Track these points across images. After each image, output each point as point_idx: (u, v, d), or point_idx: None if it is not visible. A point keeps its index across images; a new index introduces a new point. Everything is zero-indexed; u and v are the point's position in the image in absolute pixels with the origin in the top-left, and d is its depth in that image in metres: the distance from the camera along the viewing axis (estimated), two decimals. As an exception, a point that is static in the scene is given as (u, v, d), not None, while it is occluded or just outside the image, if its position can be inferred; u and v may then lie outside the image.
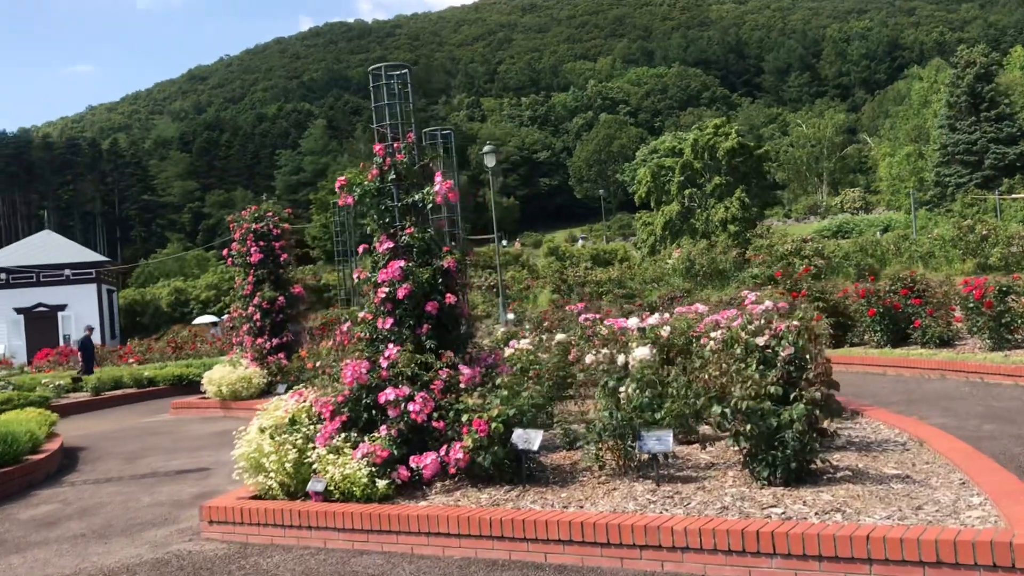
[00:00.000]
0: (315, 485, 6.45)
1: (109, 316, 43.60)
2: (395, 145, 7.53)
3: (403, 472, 6.39)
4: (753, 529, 4.71)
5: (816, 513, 5.06)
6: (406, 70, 7.65)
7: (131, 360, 27.11)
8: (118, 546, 6.62)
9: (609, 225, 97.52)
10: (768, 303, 7.17)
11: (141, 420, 16.41)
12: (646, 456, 6.06)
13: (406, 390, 6.60)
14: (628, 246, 55.61)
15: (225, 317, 23.82)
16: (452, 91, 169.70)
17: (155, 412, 17.64)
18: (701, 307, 10.48)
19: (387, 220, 7.40)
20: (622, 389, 6.45)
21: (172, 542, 6.61)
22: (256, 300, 16.67)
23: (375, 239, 7.43)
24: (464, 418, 6.34)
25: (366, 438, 6.61)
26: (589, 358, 7.53)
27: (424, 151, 7.64)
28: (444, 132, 10.28)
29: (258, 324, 16.63)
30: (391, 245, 7.28)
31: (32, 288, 41.07)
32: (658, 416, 6.58)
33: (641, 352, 6.28)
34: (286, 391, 16.01)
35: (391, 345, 6.98)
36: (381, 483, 6.28)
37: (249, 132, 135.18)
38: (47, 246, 44.11)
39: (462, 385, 6.87)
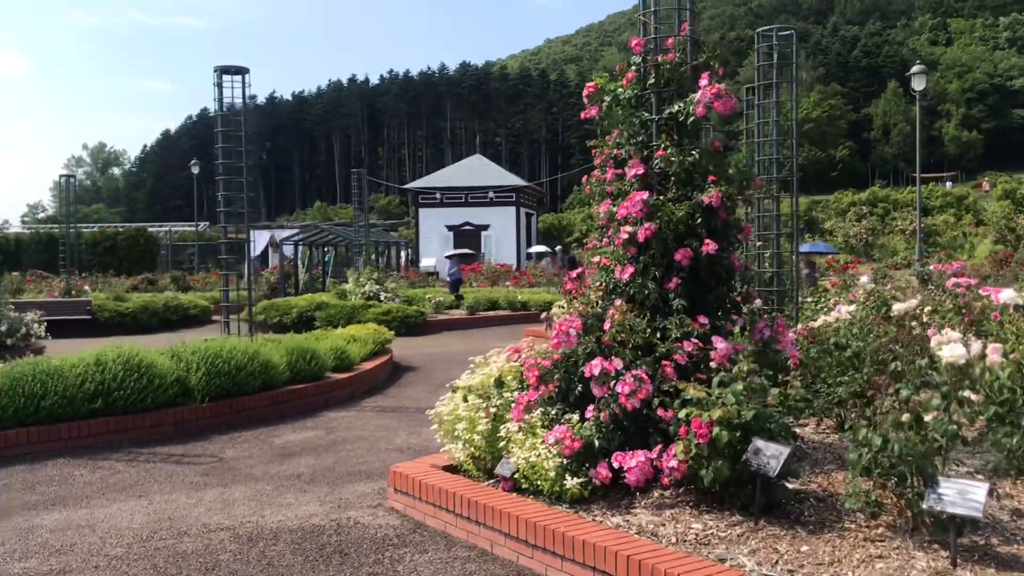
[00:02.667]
0: (503, 467, 5.16)
1: (526, 238, 45.77)
2: (668, 42, 5.79)
3: (602, 471, 4.83)
4: None
5: None
6: (684, -59, 5.79)
7: (511, 283, 27.73)
8: (307, 499, 5.93)
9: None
10: None
11: (493, 344, 16.29)
12: (945, 514, 3.85)
13: (618, 364, 4.98)
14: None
15: (558, 249, 23.21)
16: (914, 12, 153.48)
17: (512, 337, 17.50)
18: None
19: (641, 139, 5.71)
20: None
21: (357, 505, 5.75)
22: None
23: (627, 163, 5.79)
24: (683, 414, 4.58)
25: (572, 418, 5.14)
26: (935, 341, 5.32)
27: (701, 47, 5.76)
28: (783, 32, 8.16)
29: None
30: (641, 171, 5.59)
31: (460, 208, 44.34)
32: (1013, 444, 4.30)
33: (952, 351, 4.01)
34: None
35: (618, 301, 5.37)
36: (572, 482, 4.80)
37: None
38: (475, 169, 47.28)
39: (713, 364, 5.08)
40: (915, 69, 23.41)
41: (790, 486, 4.84)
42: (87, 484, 6.38)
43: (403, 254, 35.39)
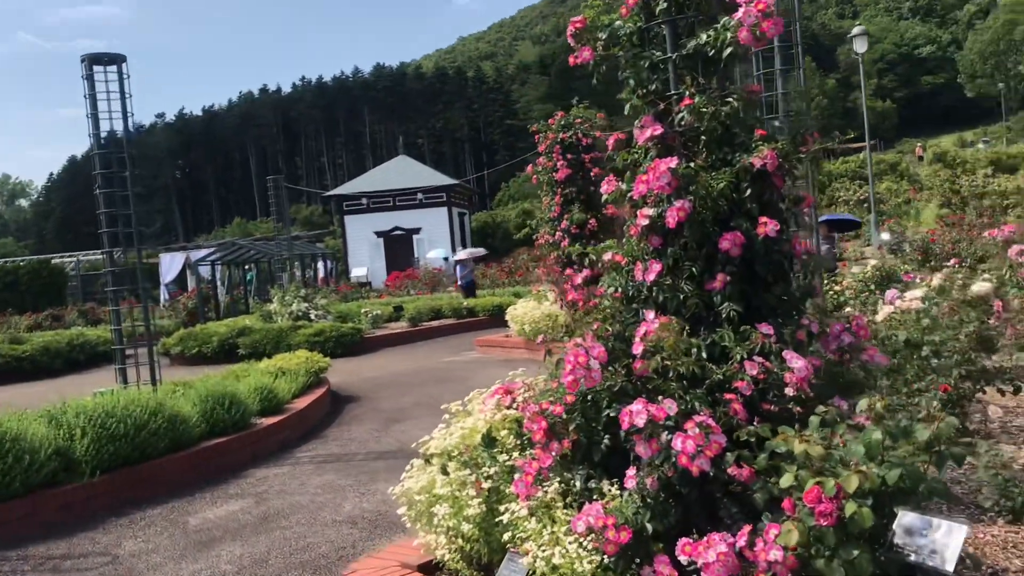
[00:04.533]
0: (511, 571, 3.57)
1: (460, 239, 44.02)
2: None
3: (663, 570, 3.27)
4: None
5: None
6: None
7: (451, 289, 26.10)
8: (229, 620, 4.26)
9: (1009, 126, 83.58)
10: None
11: (442, 359, 14.69)
12: None
13: (669, 407, 3.42)
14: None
15: (465, 252, 21.53)
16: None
17: (462, 348, 15.92)
18: None
19: (653, 87, 4.17)
20: None
21: (300, 626, 4.11)
22: (563, 224, 14.07)
23: (636, 122, 4.25)
24: (786, 481, 3.05)
25: (608, 489, 3.58)
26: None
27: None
28: (780, -37, 6.68)
29: (566, 252, 14.03)
30: (659, 131, 4.05)
31: (389, 212, 42.33)
32: None
33: None
34: (594, 334, 13.41)
35: (650, 314, 3.82)
36: (618, 589, 3.23)
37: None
38: (401, 171, 45.26)
39: (789, 391, 3.59)
40: (855, 31, 22.50)
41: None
42: (-80, 623, 4.61)
43: (328, 265, 33.42)
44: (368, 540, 5.33)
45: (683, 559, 3.20)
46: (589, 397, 3.79)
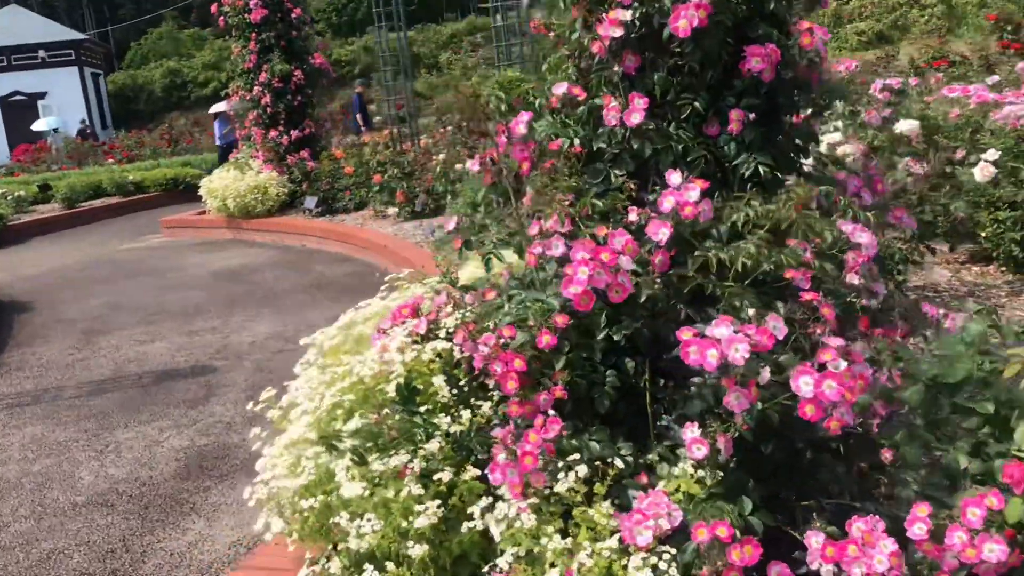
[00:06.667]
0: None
1: (97, 104, 38.26)
2: None
3: (777, 585, 2.04)
4: None
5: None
6: None
7: (109, 160, 22.31)
8: None
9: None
10: None
11: (121, 247, 12.14)
12: None
13: (775, 326, 2.12)
14: None
15: (224, 104, 17.53)
16: None
17: (142, 232, 13.34)
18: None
19: None
20: None
21: None
22: (263, 76, 11.90)
23: None
24: None
25: (666, 468, 2.25)
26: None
27: None
28: None
29: (269, 111, 11.95)
30: None
31: (4, 73, 35.57)
32: None
33: None
34: (317, 205, 11.62)
35: (674, 175, 2.45)
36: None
37: None
38: (14, 24, 37.70)
39: (852, 279, 2.49)
40: None
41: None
42: None
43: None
44: (147, 534, 3.59)
45: (823, 568, 2.00)
46: (582, 321, 2.41)
